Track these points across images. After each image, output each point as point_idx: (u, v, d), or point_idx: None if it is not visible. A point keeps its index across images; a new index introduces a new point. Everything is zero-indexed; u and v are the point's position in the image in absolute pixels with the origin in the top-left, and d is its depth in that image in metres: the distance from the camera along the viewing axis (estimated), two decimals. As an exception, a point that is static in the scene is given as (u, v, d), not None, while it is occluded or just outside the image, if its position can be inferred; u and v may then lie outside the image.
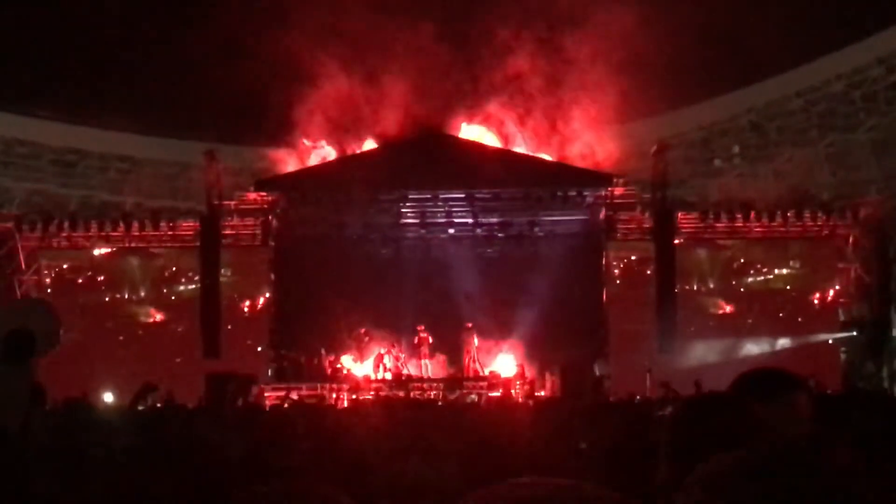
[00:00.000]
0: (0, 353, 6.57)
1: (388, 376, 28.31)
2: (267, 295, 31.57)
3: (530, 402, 22.87)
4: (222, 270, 30.66)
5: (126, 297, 30.85)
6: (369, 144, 31.22)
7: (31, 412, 6.21)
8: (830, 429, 3.08)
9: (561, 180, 29.88)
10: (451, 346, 29.44)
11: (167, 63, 31.16)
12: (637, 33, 28.17)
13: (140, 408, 22.54)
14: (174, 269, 30.97)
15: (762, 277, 30.73)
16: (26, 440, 5.66)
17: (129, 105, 32.14)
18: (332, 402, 25.98)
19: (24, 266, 31.34)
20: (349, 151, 31.24)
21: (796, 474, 1.73)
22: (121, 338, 29.89)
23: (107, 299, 30.66)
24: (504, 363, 28.90)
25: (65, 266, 32.30)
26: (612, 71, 28.53)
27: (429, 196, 30.10)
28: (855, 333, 30.01)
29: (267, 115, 29.00)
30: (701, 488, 1.80)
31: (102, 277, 30.77)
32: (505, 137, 31.19)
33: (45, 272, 31.84)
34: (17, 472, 4.01)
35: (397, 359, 28.74)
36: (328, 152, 31.31)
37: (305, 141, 30.88)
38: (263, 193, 30.50)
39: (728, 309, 30.60)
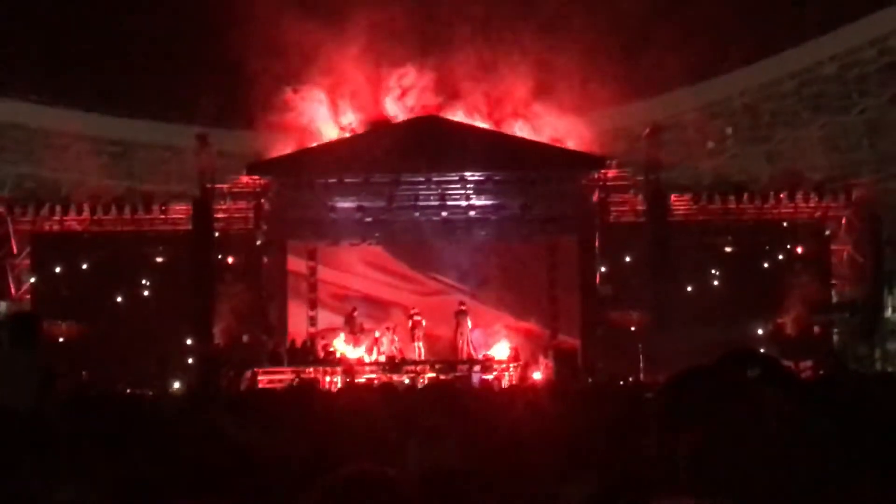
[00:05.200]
0: (8, 337, 6.58)
1: (382, 359, 28.35)
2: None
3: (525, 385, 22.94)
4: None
5: (120, 280, 30.67)
6: (356, 117, 30.89)
7: (42, 394, 6.21)
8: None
9: (554, 162, 29.81)
10: (444, 329, 29.47)
11: (158, 47, 31.04)
12: (629, 14, 28.15)
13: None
14: (167, 252, 30.78)
15: (755, 259, 30.68)
16: (37, 422, 5.66)
17: (121, 89, 32.01)
18: (326, 384, 26.03)
19: (15, 250, 31.29)
20: (338, 98, 30.83)
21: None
22: (115, 323, 29.73)
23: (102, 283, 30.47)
24: (498, 346, 28.94)
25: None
26: (605, 53, 28.46)
27: (422, 179, 30.01)
28: (847, 315, 30.09)
29: (254, 83, 28.73)
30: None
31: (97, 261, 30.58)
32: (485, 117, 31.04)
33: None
34: (26, 453, 4.01)
35: (392, 342, 28.77)
36: (321, 98, 30.81)
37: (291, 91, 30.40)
38: (256, 177, 30.41)
39: (720, 291, 30.55)
